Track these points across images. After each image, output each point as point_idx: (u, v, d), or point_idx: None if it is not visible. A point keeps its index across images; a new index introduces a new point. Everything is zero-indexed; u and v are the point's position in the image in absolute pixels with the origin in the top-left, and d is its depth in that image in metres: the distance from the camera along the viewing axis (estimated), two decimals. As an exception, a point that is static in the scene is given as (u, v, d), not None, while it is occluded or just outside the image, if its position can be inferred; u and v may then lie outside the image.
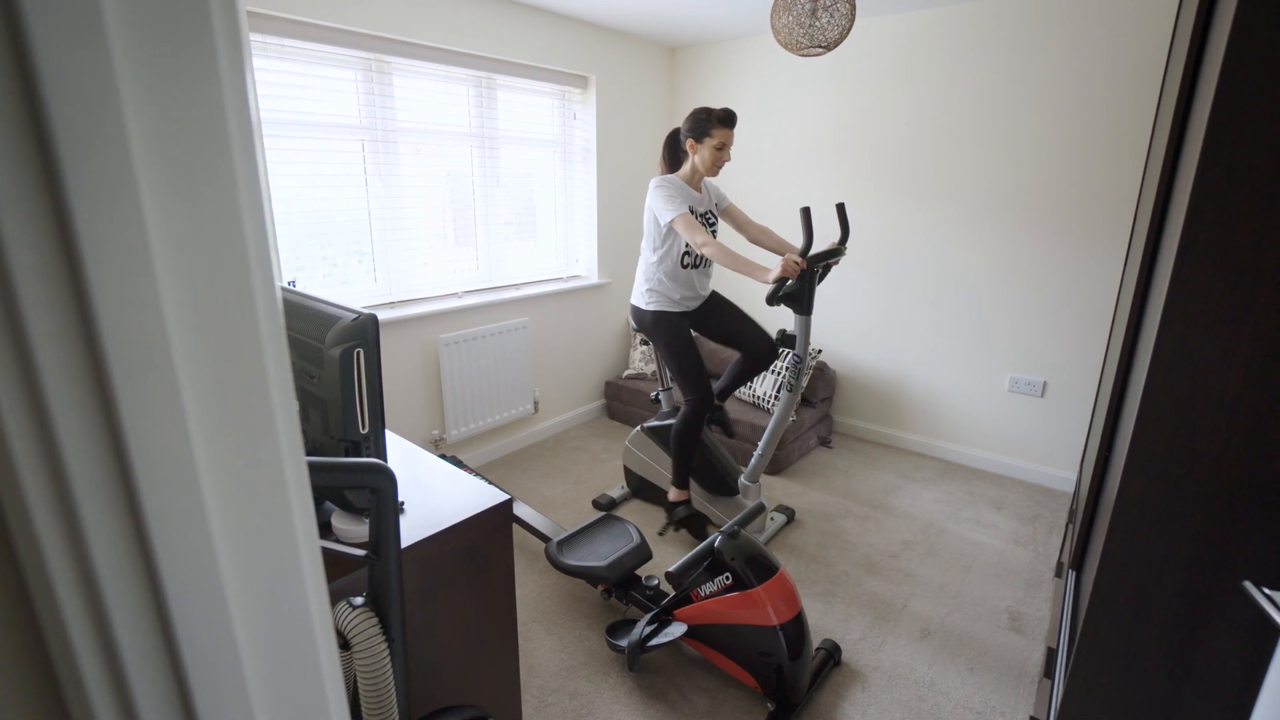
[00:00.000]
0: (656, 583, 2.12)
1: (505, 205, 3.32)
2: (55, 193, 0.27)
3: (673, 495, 2.72)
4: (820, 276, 2.45)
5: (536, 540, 2.62)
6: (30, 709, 0.34)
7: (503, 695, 1.42)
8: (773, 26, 2.15)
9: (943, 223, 3.23)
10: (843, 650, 2.05)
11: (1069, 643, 1.37)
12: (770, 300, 2.31)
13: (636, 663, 1.93)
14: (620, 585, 2.15)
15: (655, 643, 1.82)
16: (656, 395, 3.00)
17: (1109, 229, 2.79)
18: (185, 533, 0.33)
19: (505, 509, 1.29)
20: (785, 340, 2.46)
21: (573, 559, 2.15)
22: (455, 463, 2.89)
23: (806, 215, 2.23)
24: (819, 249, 2.35)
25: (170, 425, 0.32)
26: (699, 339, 3.16)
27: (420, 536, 1.15)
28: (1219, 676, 0.99)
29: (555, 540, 2.23)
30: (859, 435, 3.75)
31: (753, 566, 1.81)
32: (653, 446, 2.82)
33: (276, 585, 0.38)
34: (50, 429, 0.29)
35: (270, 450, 0.37)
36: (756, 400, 3.38)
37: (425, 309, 2.94)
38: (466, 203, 3.15)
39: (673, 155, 2.49)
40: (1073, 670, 1.14)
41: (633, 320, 2.63)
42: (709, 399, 2.52)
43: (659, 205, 2.34)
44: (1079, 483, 2.44)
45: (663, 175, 2.44)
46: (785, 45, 2.16)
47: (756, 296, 3.89)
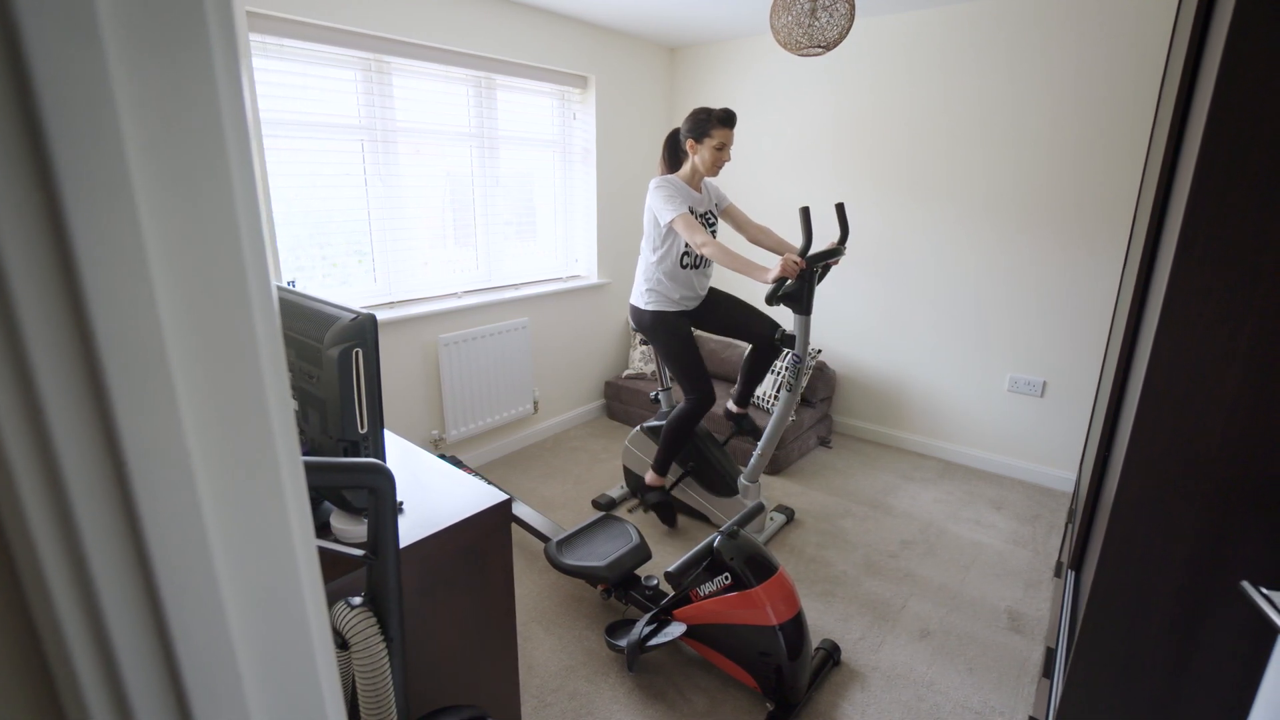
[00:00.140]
0: (656, 583, 2.12)
1: (505, 205, 3.32)
2: (50, 194, 0.27)
3: (649, 479, 2.75)
4: (820, 276, 2.45)
5: (536, 540, 2.62)
6: (26, 710, 0.34)
7: (502, 695, 1.42)
8: (772, 26, 2.15)
9: (942, 223, 3.23)
10: (842, 650, 2.05)
11: (1068, 642, 1.37)
12: (770, 300, 2.31)
13: (636, 663, 1.93)
14: (619, 585, 2.15)
15: (654, 643, 1.82)
16: (656, 395, 3.00)
17: (1108, 229, 2.79)
18: (180, 533, 0.33)
19: (504, 509, 1.29)
20: (785, 340, 2.46)
21: (572, 559, 2.15)
22: (455, 463, 2.89)
23: (806, 215, 2.23)
24: (818, 249, 2.35)
25: (165, 426, 0.32)
26: (699, 338, 3.16)
27: (419, 536, 1.15)
28: (1217, 676, 0.99)
29: (555, 540, 2.23)
30: (858, 435, 3.76)
31: (752, 566, 1.81)
32: (652, 446, 2.82)
33: (272, 585, 0.39)
34: (45, 429, 0.29)
35: (266, 450, 0.37)
36: (756, 400, 3.37)
37: (425, 309, 2.94)
38: (466, 203, 3.15)
39: (672, 155, 2.49)
40: (1071, 670, 1.14)
41: (632, 320, 2.63)
42: (710, 398, 2.52)
43: (659, 205, 2.34)
44: (1078, 482, 2.44)
45: (663, 175, 2.44)
46: (785, 45, 2.16)
47: (756, 296, 3.88)
